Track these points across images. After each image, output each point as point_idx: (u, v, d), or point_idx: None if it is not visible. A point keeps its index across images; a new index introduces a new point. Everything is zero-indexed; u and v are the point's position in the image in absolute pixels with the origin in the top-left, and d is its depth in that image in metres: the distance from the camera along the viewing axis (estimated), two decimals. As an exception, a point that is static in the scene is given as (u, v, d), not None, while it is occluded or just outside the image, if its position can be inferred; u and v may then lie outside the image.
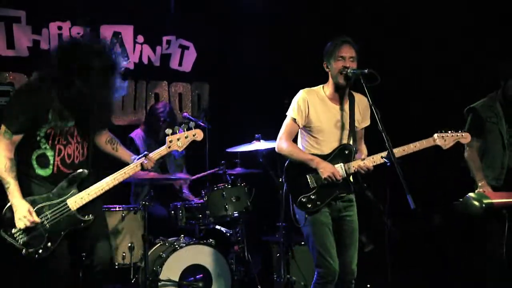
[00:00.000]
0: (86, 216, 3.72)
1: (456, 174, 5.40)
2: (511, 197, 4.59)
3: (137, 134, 5.71)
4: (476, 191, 4.69)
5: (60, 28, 6.11)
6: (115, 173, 3.77)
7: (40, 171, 3.69)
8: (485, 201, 4.48)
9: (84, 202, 3.69)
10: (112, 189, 3.77)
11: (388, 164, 3.78)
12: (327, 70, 4.07)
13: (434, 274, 6.21)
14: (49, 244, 3.59)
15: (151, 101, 6.49)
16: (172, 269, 4.89)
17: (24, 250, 3.55)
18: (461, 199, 4.64)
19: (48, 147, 3.68)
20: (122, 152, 4.03)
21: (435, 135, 4.07)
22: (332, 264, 3.94)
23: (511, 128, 4.81)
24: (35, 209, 3.57)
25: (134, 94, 6.49)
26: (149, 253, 4.90)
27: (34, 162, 3.68)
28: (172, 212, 5.31)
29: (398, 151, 3.94)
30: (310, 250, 4.08)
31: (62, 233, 3.66)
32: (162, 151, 3.86)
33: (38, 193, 3.65)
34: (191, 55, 6.74)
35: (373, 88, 3.83)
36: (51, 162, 3.70)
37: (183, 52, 6.71)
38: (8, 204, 3.58)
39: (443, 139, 4.06)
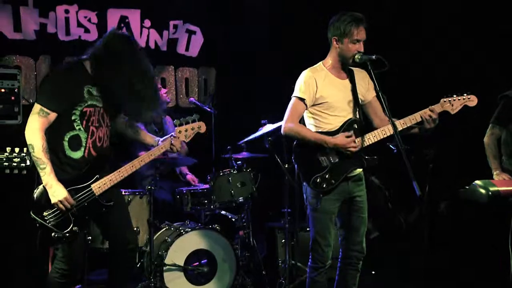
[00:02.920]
0: (107, 202, 3.73)
1: (464, 161, 5.37)
2: (519, 185, 4.57)
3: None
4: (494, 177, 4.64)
5: (67, 11, 6.08)
6: (138, 158, 3.83)
7: (71, 153, 3.68)
8: (492, 188, 4.43)
9: (106, 188, 3.71)
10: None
11: (395, 151, 3.75)
12: (335, 45, 3.95)
13: (439, 261, 6.20)
14: (75, 228, 3.62)
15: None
16: (177, 254, 4.89)
17: (53, 233, 3.58)
18: (467, 187, 4.60)
19: (82, 128, 3.68)
20: (144, 135, 4.07)
21: (442, 101, 3.95)
22: (326, 252, 3.96)
23: None
24: None
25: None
26: (154, 237, 4.90)
27: (66, 144, 3.67)
28: (178, 197, 5.31)
29: (410, 119, 3.86)
30: (310, 229, 4.07)
31: (87, 217, 3.71)
32: (166, 144, 3.93)
33: (66, 176, 3.63)
34: (198, 40, 6.71)
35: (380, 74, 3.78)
36: (84, 144, 3.70)
37: (190, 36, 6.67)
38: (40, 187, 3.56)
39: (450, 104, 3.95)
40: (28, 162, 3.01)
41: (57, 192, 3.52)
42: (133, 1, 6.35)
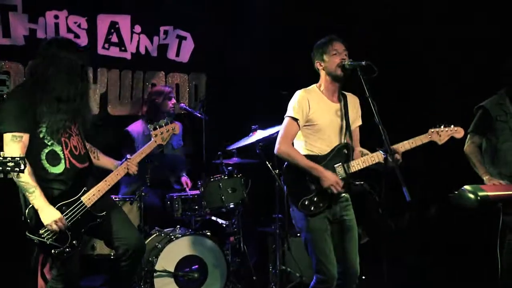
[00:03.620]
0: (100, 212, 3.76)
1: (454, 167, 5.40)
2: (507, 190, 4.60)
3: (135, 128, 5.67)
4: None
5: (56, 17, 6.06)
6: (113, 172, 3.90)
7: (53, 169, 3.68)
8: (480, 193, 4.47)
9: (96, 198, 3.73)
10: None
11: (385, 156, 3.76)
12: (320, 68, 4.02)
13: (429, 265, 6.24)
14: (74, 241, 3.64)
15: (148, 91, 6.47)
16: (167, 260, 4.89)
17: (53, 249, 3.59)
18: (456, 192, 4.63)
19: (54, 142, 3.67)
20: (104, 160, 4.08)
21: (430, 131, 4.04)
22: (331, 270, 3.92)
23: None
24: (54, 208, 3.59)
25: (131, 84, 6.45)
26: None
27: (44, 162, 3.66)
28: (168, 203, 5.31)
29: (396, 148, 3.90)
30: (309, 255, 4.03)
31: (82, 230, 3.71)
32: (146, 149, 4.02)
33: (54, 192, 3.64)
34: (188, 46, 6.71)
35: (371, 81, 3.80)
36: (62, 156, 3.69)
37: (181, 42, 6.67)
38: (29, 207, 3.56)
39: (438, 135, 4.04)
40: (22, 166, 3.00)
41: (49, 215, 3.54)
42: (123, 7, 6.33)
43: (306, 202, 3.92)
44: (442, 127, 4.06)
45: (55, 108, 3.63)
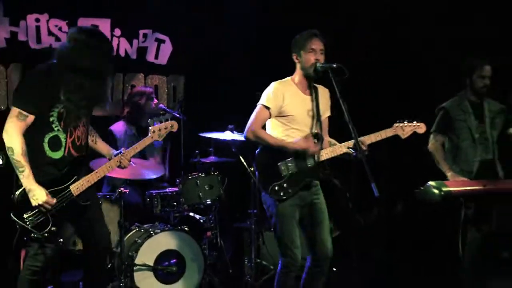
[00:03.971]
0: (84, 202, 3.75)
1: (420, 164, 5.49)
2: (469, 186, 4.71)
3: (117, 128, 5.68)
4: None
5: (37, 20, 6.06)
6: (105, 164, 3.87)
7: (52, 154, 3.67)
8: (444, 189, 4.56)
9: (84, 188, 3.72)
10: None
11: (354, 154, 3.84)
12: (296, 61, 4.10)
13: (397, 258, 6.32)
14: (53, 228, 3.62)
15: (128, 93, 6.48)
16: (147, 254, 4.91)
17: (32, 234, 3.59)
18: (421, 187, 4.73)
19: (60, 128, 3.67)
20: (101, 145, 4.06)
21: (394, 125, 4.14)
22: (296, 254, 4.00)
23: (481, 123, 4.90)
24: None
25: (112, 86, 6.45)
26: (125, 238, 4.92)
27: (45, 145, 3.65)
28: (148, 199, 5.31)
29: (362, 140, 3.98)
30: (275, 239, 4.12)
31: (64, 217, 3.71)
32: (141, 144, 3.97)
33: (46, 177, 3.63)
34: (167, 49, 6.73)
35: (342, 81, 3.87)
36: (63, 144, 3.69)
37: (159, 45, 6.69)
38: (20, 189, 3.56)
39: (402, 129, 4.14)
40: (0, 161, 3.01)
41: (38, 195, 3.53)
42: (104, 11, 6.35)
43: (276, 188, 3.99)
44: (406, 122, 4.15)
45: (72, 96, 3.61)
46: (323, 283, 4.17)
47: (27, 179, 3.52)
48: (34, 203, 3.53)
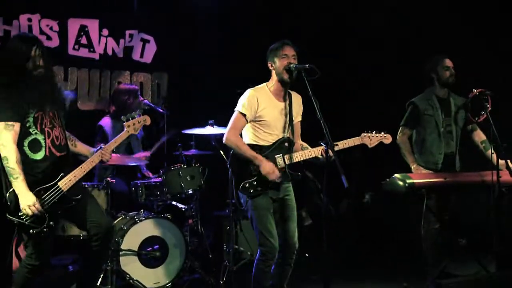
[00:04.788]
0: (75, 196, 3.77)
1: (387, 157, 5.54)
2: (431, 178, 4.78)
3: (106, 122, 5.66)
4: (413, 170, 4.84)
5: (30, 19, 6.02)
6: (88, 159, 3.88)
7: (34, 155, 3.70)
8: (408, 181, 4.64)
9: (72, 183, 3.74)
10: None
11: (326, 148, 3.86)
12: (271, 68, 4.13)
13: (364, 245, 6.39)
14: (51, 222, 3.66)
15: (114, 89, 6.44)
16: (132, 240, 4.93)
17: (31, 229, 3.61)
18: (388, 179, 4.78)
19: (37, 131, 3.70)
20: (81, 147, 4.08)
21: (362, 135, 4.17)
22: (273, 243, 4.03)
23: (447, 118, 4.94)
24: (33, 192, 3.60)
25: (99, 82, 6.45)
26: (111, 225, 4.90)
27: (26, 149, 3.68)
28: (133, 189, 5.32)
29: (307, 153, 4.07)
30: (254, 230, 4.16)
31: (59, 212, 3.74)
32: (118, 139, 4.02)
33: (34, 178, 3.65)
34: (151, 48, 6.72)
35: (314, 83, 3.90)
36: (43, 145, 3.71)
37: (144, 45, 6.68)
38: (10, 191, 3.59)
39: (369, 139, 4.17)
40: None
41: (26, 199, 3.56)
42: (92, 12, 6.34)
43: (247, 185, 4.04)
44: (373, 132, 4.20)
45: (41, 101, 3.66)
46: (289, 273, 4.21)
47: (20, 185, 3.56)
48: (22, 205, 3.57)
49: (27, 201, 3.55)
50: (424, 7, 6.50)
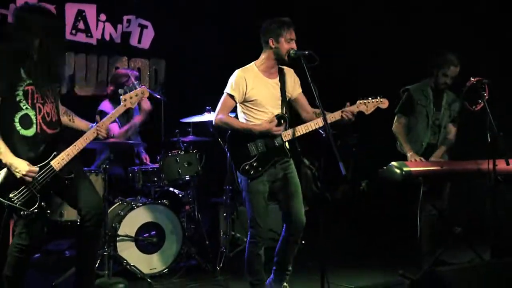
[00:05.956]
0: (68, 174, 3.69)
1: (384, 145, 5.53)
2: (427, 166, 4.78)
3: (106, 106, 5.60)
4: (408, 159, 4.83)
5: (27, 3, 5.91)
6: (82, 136, 3.77)
7: (24, 132, 3.58)
8: (405, 169, 4.62)
9: (65, 162, 3.65)
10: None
11: (324, 135, 3.85)
12: (272, 45, 4.03)
13: (361, 231, 6.40)
14: (42, 203, 3.58)
15: (112, 73, 6.39)
16: (129, 226, 4.91)
17: (22, 211, 3.53)
18: (385, 167, 4.77)
19: (28, 106, 3.58)
20: (79, 123, 3.99)
21: (358, 102, 4.09)
22: (263, 226, 4.05)
23: (437, 111, 4.97)
24: None
25: (97, 68, 6.41)
26: (108, 211, 4.89)
27: (17, 124, 3.57)
28: (130, 175, 5.29)
29: (329, 117, 3.94)
30: (247, 211, 4.15)
31: (51, 191, 3.67)
32: (115, 113, 3.91)
33: (24, 157, 3.54)
34: (149, 34, 6.67)
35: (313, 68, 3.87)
36: (34, 121, 3.60)
37: (142, 30, 6.63)
38: (2, 171, 3.49)
39: (365, 105, 4.09)
40: None
41: (19, 167, 3.46)
42: (90, -3, 6.27)
43: (247, 167, 4.01)
44: (369, 98, 4.12)
45: (34, 73, 3.57)
46: (295, 251, 4.21)
47: (5, 155, 3.46)
48: (18, 175, 3.46)
49: (22, 169, 3.44)
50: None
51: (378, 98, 4.14)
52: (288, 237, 4.14)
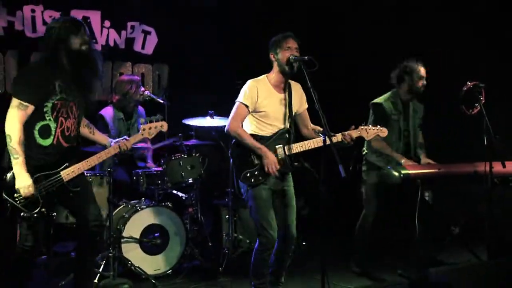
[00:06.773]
0: (74, 187, 3.75)
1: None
2: (424, 169, 4.82)
3: (107, 112, 5.66)
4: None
5: (33, 11, 6.01)
6: (100, 152, 3.86)
7: (41, 141, 3.66)
8: (403, 172, 4.66)
9: (74, 175, 3.72)
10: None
11: (323, 138, 3.89)
12: (273, 59, 4.11)
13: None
14: (43, 209, 3.62)
15: (116, 80, 6.44)
16: (133, 228, 4.96)
17: (22, 213, 3.58)
18: (384, 170, 4.81)
19: (52, 118, 3.66)
20: (98, 136, 4.07)
21: (360, 127, 4.16)
22: (272, 234, 4.04)
23: (405, 121, 5.01)
24: (34, 177, 3.57)
25: (102, 76, 6.42)
26: (113, 213, 4.94)
27: (36, 132, 3.65)
28: (134, 178, 5.33)
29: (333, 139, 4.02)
30: (253, 220, 4.16)
31: (55, 200, 3.71)
32: (130, 140, 3.98)
33: (37, 163, 3.63)
34: (152, 40, 6.71)
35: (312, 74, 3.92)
36: (53, 133, 3.68)
37: (146, 36, 6.67)
38: (12, 172, 3.55)
39: (366, 132, 4.17)
40: None
41: (23, 182, 3.53)
42: (94, 3, 6.31)
43: (248, 175, 4.04)
44: (370, 126, 4.21)
45: (68, 89, 3.66)
46: (288, 263, 4.25)
47: (19, 166, 3.52)
48: (17, 186, 3.53)
49: (22, 183, 3.51)
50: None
51: (378, 126, 4.23)
52: (280, 249, 4.15)
